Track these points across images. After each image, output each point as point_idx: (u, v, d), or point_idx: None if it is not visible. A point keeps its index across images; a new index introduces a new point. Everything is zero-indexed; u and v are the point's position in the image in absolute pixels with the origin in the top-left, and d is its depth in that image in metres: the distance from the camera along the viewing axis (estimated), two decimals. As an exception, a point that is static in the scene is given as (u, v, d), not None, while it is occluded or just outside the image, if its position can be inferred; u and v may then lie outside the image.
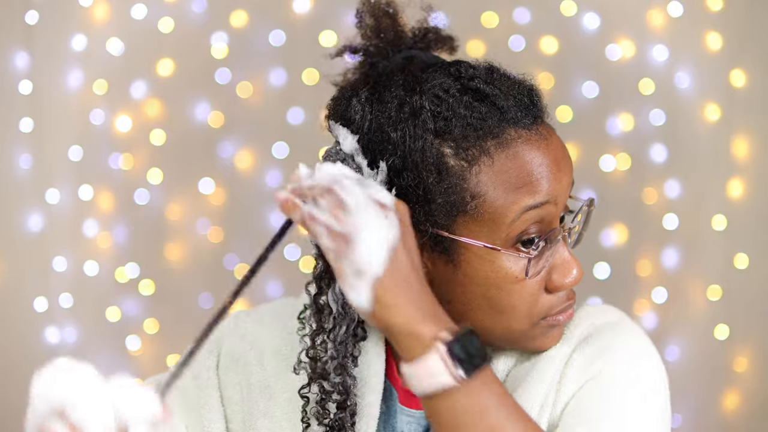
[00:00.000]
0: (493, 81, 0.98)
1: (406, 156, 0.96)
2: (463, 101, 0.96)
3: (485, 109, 0.96)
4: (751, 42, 2.12)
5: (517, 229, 0.96)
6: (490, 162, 0.95)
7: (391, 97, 0.97)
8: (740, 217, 2.14)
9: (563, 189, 0.99)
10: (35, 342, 2.21)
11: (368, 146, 0.98)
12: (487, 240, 0.96)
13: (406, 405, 1.07)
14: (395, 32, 1.03)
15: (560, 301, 1.00)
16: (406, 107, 0.96)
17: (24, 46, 2.18)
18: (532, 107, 0.98)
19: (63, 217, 2.20)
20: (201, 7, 2.18)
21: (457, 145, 0.95)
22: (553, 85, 2.15)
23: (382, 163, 0.96)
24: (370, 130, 0.97)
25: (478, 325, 0.99)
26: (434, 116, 0.96)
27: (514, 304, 0.98)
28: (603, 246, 2.18)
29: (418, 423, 1.07)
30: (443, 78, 0.98)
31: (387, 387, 1.08)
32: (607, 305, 1.10)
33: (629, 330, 1.05)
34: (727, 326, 2.16)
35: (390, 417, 1.07)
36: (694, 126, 2.14)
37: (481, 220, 0.96)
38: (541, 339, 1.02)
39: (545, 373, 1.01)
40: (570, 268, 0.99)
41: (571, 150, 2.13)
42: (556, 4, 2.14)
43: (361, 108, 0.98)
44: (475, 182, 0.95)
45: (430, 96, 0.96)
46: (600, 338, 1.03)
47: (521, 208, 0.95)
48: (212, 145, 2.20)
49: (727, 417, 2.18)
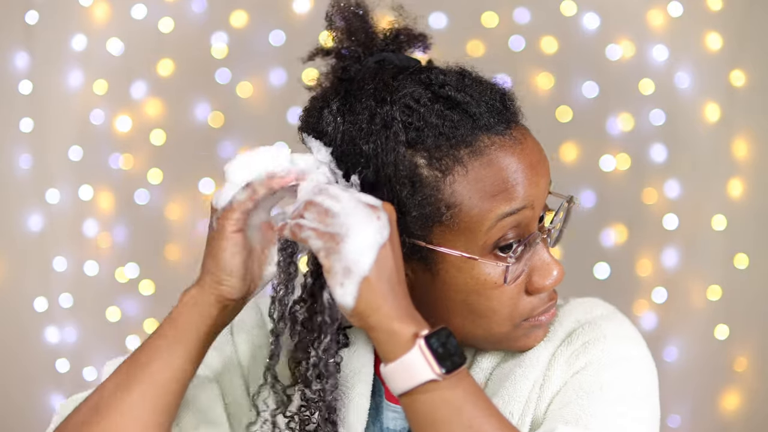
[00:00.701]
0: (464, 87, 0.97)
1: (378, 169, 0.95)
2: (435, 110, 0.95)
3: (457, 117, 0.95)
4: (751, 42, 2.12)
5: (494, 236, 0.95)
6: (464, 171, 0.94)
7: (362, 109, 0.96)
8: (740, 217, 2.14)
9: (540, 192, 0.98)
10: (35, 342, 2.21)
11: (342, 158, 0.97)
12: (464, 249, 0.95)
13: (392, 401, 1.08)
14: (366, 34, 1.02)
15: (541, 302, 1.00)
16: (377, 118, 0.95)
17: (24, 46, 2.18)
18: (505, 112, 0.97)
19: (63, 217, 2.20)
20: (201, 7, 2.18)
21: (430, 155, 0.94)
22: (553, 85, 2.15)
23: (354, 176, 0.95)
24: (342, 142, 0.96)
25: (460, 330, 0.99)
26: (406, 127, 0.95)
27: (494, 308, 0.97)
28: (603, 246, 2.18)
29: (403, 419, 1.07)
30: (414, 86, 0.97)
31: (375, 382, 1.08)
32: (595, 299, 1.09)
33: (614, 321, 1.04)
34: (727, 326, 2.16)
35: (378, 413, 1.07)
36: (694, 126, 2.14)
37: (457, 229, 0.95)
38: (524, 339, 1.02)
39: (529, 372, 1.01)
40: (550, 270, 0.99)
41: (571, 150, 2.15)
42: (556, 4, 2.14)
43: (333, 119, 0.98)
44: (450, 192, 0.94)
45: (401, 106, 0.95)
46: (584, 333, 1.02)
47: (497, 216, 0.94)
48: (212, 145, 2.20)
49: (727, 417, 2.18)
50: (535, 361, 1.02)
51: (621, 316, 1.06)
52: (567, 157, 2.14)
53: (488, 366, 1.04)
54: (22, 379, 2.23)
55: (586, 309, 1.06)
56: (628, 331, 1.04)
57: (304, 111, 1.02)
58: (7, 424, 2.23)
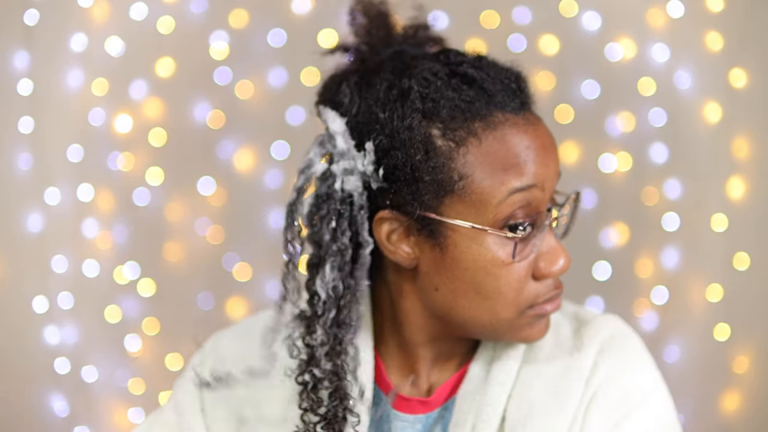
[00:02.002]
0: (481, 66, 0.99)
1: (393, 135, 0.96)
2: (451, 84, 0.97)
3: (473, 93, 0.97)
4: (752, 42, 2.11)
5: (504, 211, 0.96)
6: (478, 143, 0.96)
7: (380, 81, 0.98)
8: (740, 217, 2.14)
9: (550, 175, 0.99)
10: (35, 342, 2.21)
11: (356, 128, 0.98)
12: (474, 221, 0.96)
13: (399, 410, 1.08)
14: (386, 30, 1.04)
15: (547, 289, 1.00)
16: (394, 89, 0.97)
17: (24, 46, 2.17)
18: (519, 93, 0.99)
19: (63, 217, 2.20)
20: (201, 7, 2.18)
21: (444, 127, 0.96)
22: (553, 85, 2.15)
23: (368, 143, 0.97)
24: (358, 112, 0.98)
25: (465, 314, 0.99)
26: (422, 98, 0.96)
27: (500, 290, 0.98)
28: (603, 246, 2.18)
29: (412, 427, 1.07)
30: (432, 63, 0.99)
31: (376, 392, 1.08)
32: (608, 317, 1.09)
33: (638, 362, 1.06)
34: (727, 326, 2.16)
35: (382, 423, 1.07)
36: (695, 126, 2.14)
37: (468, 201, 0.96)
38: (528, 330, 1.02)
39: (566, 406, 1.02)
40: (557, 256, 0.99)
41: (571, 150, 2.15)
42: (556, 4, 2.14)
43: (350, 92, 1.00)
44: (463, 162, 0.96)
45: (419, 78, 0.97)
46: (618, 377, 1.03)
47: (508, 190, 0.96)
48: (212, 145, 2.20)
49: (728, 417, 2.18)
50: (569, 395, 1.03)
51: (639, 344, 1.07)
52: (567, 157, 2.14)
53: (506, 380, 1.04)
54: (21, 379, 2.22)
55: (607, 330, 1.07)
56: (653, 370, 1.06)
57: (322, 85, 1.04)
58: (6, 424, 2.22)
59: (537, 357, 1.06)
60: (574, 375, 1.03)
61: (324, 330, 0.99)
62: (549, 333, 1.07)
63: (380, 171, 0.97)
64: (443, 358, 1.08)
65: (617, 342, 1.05)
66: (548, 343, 1.07)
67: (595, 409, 1.02)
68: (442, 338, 1.05)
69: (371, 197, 0.99)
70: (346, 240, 0.97)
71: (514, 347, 1.06)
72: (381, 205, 0.99)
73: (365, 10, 1.05)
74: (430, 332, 1.05)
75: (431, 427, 1.07)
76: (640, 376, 1.05)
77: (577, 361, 1.04)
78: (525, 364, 1.05)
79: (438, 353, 1.07)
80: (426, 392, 1.08)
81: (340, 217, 0.97)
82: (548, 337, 1.07)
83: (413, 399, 1.07)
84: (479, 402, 1.03)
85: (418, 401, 1.07)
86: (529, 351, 1.06)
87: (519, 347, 1.06)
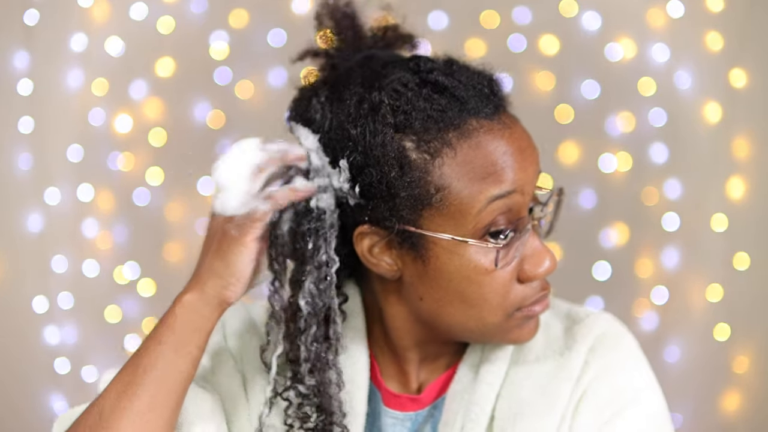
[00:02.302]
0: (452, 73, 0.97)
1: (367, 152, 0.95)
2: (423, 94, 0.95)
3: (445, 101, 0.95)
4: (752, 42, 2.11)
5: (485, 220, 0.95)
6: (453, 153, 0.94)
7: (351, 95, 0.97)
8: (740, 217, 2.14)
9: (529, 178, 0.97)
10: (35, 342, 2.21)
11: (329, 145, 0.97)
12: (454, 233, 0.95)
13: (390, 407, 1.07)
14: (354, 32, 1.03)
15: (534, 291, 0.99)
16: (365, 103, 0.96)
17: (24, 46, 2.17)
18: (492, 97, 0.97)
19: (62, 217, 2.20)
20: (201, 7, 2.18)
21: (418, 138, 0.95)
22: (553, 85, 2.15)
23: (342, 161, 0.96)
24: (330, 128, 0.97)
25: (452, 321, 0.98)
26: (393, 110, 0.95)
27: (485, 296, 0.97)
28: (603, 246, 2.18)
29: (402, 425, 1.07)
30: (402, 72, 0.97)
31: (371, 389, 1.08)
32: (598, 314, 1.09)
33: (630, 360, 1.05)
34: (727, 326, 2.16)
35: (375, 419, 1.07)
36: (695, 126, 2.14)
37: (447, 212, 0.95)
38: (517, 331, 1.01)
39: (555, 405, 1.02)
40: (542, 258, 0.98)
41: (571, 150, 2.15)
42: (556, 4, 2.14)
43: (321, 107, 0.98)
44: (439, 174, 0.94)
45: (389, 91, 0.96)
46: (609, 375, 1.03)
47: (487, 198, 0.94)
48: (212, 145, 2.20)
49: (728, 417, 2.18)
50: (558, 395, 1.02)
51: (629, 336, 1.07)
52: (567, 157, 2.14)
53: (495, 381, 1.04)
54: (21, 379, 2.22)
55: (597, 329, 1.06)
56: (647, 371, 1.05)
57: (293, 101, 1.03)
58: (6, 424, 2.22)
59: (527, 358, 1.05)
60: (564, 374, 1.03)
61: (305, 346, 0.99)
62: (539, 333, 1.06)
63: (356, 188, 0.96)
64: (431, 358, 1.08)
65: (609, 340, 1.05)
66: (538, 344, 1.06)
67: (585, 408, 1.01)
68: (430, 341, 1.05)
69: (349, 213, 0.98)
70: (324, 257, 0.97)
71: (503, 348, 1.06)
72: (359, 220, 0.98)
73: (331, 13, 1.04)
74: (417, 336, 1.04)
75: (421, 426, 1.06)
76: (630, 374, 1.04)
77: (568, 360, 1.03)
78: (514, 365, 1.05)
79: (426, 355, 1.07)
80: (416, 390, 1.08)
81: (317, 234, 0.97)
82: (538, 337, 1.06)
83: (403, 396, 1.07)
84: (467, 401, 1.03)
85: (408, 398, 1.07)
86: (519, 352, 1.06)
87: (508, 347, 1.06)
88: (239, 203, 0.96)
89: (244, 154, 0.97)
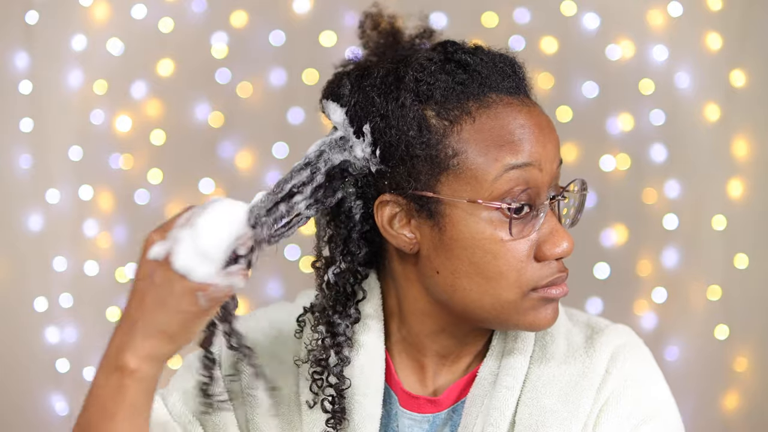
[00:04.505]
0: (476, 53, 1.00)
1: (388, 115, 0.98)
2: (446, 68, 0.99)
3: (466, 76, 0.99)
4: (751, 42, 2.12)
5: (501, 188, 0.96)
6: (471, 121, 0.97)
7: (378, 69, 1.00)
8: (740, 217, 2.14)
9: (548, 156, 0.99)
10: (35, 342, 2.21)
11: (355, 116, 1.00)
12: (470, 198, 0.97)
13: (407, 408, 1.08)
14: (395, 40, 1.05)
15: (551, 271, 0.99)
16: (390, 75, 0.99)
17: (24, 46, 2.18)
18: (513, 76, 1.01)
19: (63, 217, 2.20)
20: (201, 7, 2.18)
21: (439, 107, 0.98)
22: (553, 85, 2.15)
23: (366, 125, 0.99)
24: (357, 101, 1.00)
25: (467, 297, 0.99)
26: (417, 81, 0.98)
27: (501, 270, 0.97)
28: (603, 246, 2.18)
29: (419, 426, 1.07)
30: (428, 51, 1.01)
31: (386, 390, 1.08)
32: (619, 328, 1.10)
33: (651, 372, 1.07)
34: (727, 326, 2.16)
35: (390, 420, 1.07)
36: (694, 126, 2.14)
37: (463, 177, 0.97)
38: (533, 314, 1.00)
39: (576, 414, 1.03)
40: (560, 239, 0.99)
41: (571, 150, 2.15)
42: (556, 4, 2.14)
43: (350, 83, 1.01)
44: (457, 139, 0.97)
45: (415, 65, 0.99)
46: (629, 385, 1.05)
47: (503, 166, 0.96)
48: (212, 145, 2.20)
49: (727, 417, 2.18)
50: (579, 404, 1.03)
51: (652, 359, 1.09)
52: (567, 157, 2.14)
53: (515, 385, 1.05)
54: (21, 379, 2.23)
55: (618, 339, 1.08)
56: (664, 384, 1.08)
57: (327, 82, 1.05)
58: (7, 424, 2.23)
59: (548, 362, 1.06)
60: (586, 383, 1.04)
61: (330, 321, 1.02)
62: (561, 339, 1.07)
63: (377, 152, 0.98)
64: (452, 357, 1.08)
65: (629, 351, 1.06)
66: (560, 349, 1.06)
67: (606, 417, 1.02)
68: (448, 330, 1.05)
69: (371, 182, 1.01)
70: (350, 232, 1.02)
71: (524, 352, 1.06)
72: (381, 188, 1.00)
73: (374, 24, 1.06)
74: (435, 321, 1.05)
75: (439, 429, 1.07)
76: (651, 387, 1.06)
77: (589, 368, 1.04)
78: (535, 367, 1.05)
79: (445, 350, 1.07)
80: (433, 392, 1.08)
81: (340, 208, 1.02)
82: (560, 342, 1.07)
83: (421, 398, 1.07)
84: (488, 406, 1.03)
85: (426, 400, 1.07)
86: (541, 354, 1.06)
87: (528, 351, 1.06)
88: (213, 273, 0.90)
89: (231, 225, 0.93)
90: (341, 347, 1.04)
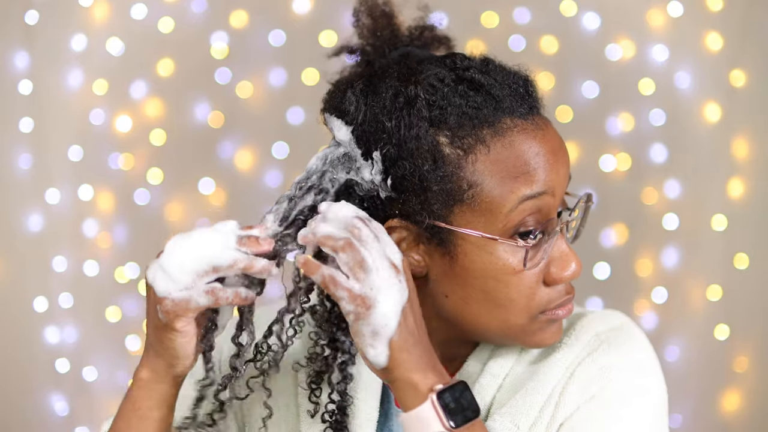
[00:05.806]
0: (488, 71, 0.98)
1: (401, 144, 0.95)
2: (458, 90, 0.96)
3: (480, 99, 0.96)
4: (751, 42, 2.12)
5: (515, 219, 0.95)
6: (486, 151, 0.95)
7: (386, 88, 0.97)
8: (740, 217, 2.14)
9: (560, 181, 0.98)
10: (35, 342, 2.21)
11: (362, 137, 0.97)
12: (484, 230, 0.95)
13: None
14: (391, 31, 1.03)
15: (559, 294, 0.99)
16: (400, 97, 0.96)
17: (24, 46, 2.18)
18: (527, 97, 0.98)
19: (63, 217, 2.20)
20: (201, 7, 2.18)
21: (452, 134, 0.95)
22: (553, 85, 2.15)
23: (376, 153, 0.96)
24: (364, 120, 0.97)
25: (476, 321, 0.98)
26: (429, 105, 0.95)
27: (512, 297, 0.97)
28: (603, 246, 2.18)
29: None
30: (438, 69, 0.98)
31: (384, 390, 1.08)
32: (612, 311, 1.08)
33: (631, 344, 1.03)
34: (727, 326, 2.16)
35: (387, 420, 1.07)
36: (694, 126, 2.14)
37: (478, 209, 0.95)
38: (540, 335, 1.00)
39: (542, 386, 1.01)
40: (569, 262, 0.98)
41: (571, 150, 2.15)
42: (556, 4, 2.14)
43: (355, 99, 0.98)
44: (472, 171, 0.95)
45: (425, 85, 0.96)
46: (601, 356, 1.02)
47: (518, 198, 0.95)
48: (212, 145, 2.20)
49: (727, 417, 2.18)
50: (550, 374, 1.01)
51: (639, 335, 1.05)
52: (567, 157, 2.14)
53: (500, 372, 1.04)
54: (21, 379, 2.22)
55: (604, 321, 1.05)
56: (645, 354, 1.03)
57: (327, 93, 1.02)
58: (6, 424, 2.23)
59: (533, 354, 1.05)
60: (559, 355, 1.03)
61: (334, 338, 1.00)
62: None
63: (388, 181, 0.96)
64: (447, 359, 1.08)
65: (614, 332, 1.04)
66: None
67: (572, 383, 1.01)
68: (450, 341, 1.05)
69: (379, 206, 0.98)
70: None
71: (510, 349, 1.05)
72: (390, 214, 0.98)
73: (370, 11, 1.04)
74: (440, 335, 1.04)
75: None
76: (623, 353, 1.02)
77: (566, 345, 1.04)
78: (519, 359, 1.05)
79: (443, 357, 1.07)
80: None
81: None
82: None
83: None
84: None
85: None
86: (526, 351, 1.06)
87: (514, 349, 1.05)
88: (172, 288, 0.93)
89: (208, 249, 0.94)
90: (345, 365, 1.01)
